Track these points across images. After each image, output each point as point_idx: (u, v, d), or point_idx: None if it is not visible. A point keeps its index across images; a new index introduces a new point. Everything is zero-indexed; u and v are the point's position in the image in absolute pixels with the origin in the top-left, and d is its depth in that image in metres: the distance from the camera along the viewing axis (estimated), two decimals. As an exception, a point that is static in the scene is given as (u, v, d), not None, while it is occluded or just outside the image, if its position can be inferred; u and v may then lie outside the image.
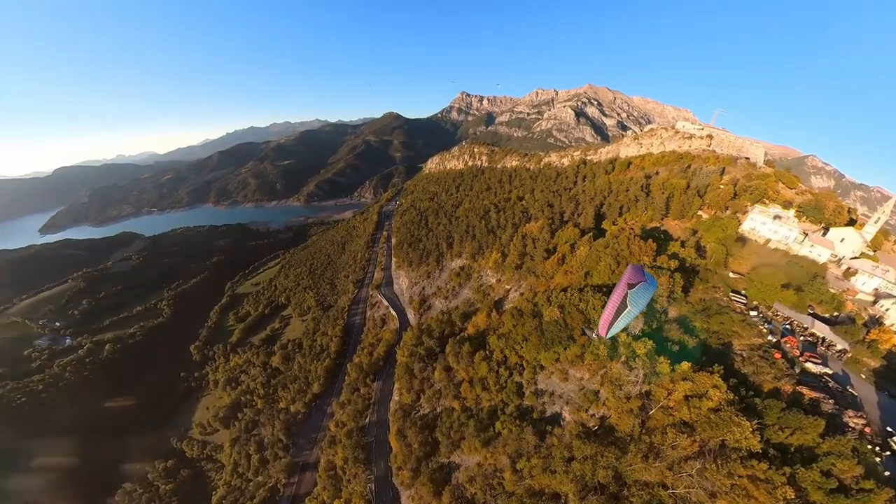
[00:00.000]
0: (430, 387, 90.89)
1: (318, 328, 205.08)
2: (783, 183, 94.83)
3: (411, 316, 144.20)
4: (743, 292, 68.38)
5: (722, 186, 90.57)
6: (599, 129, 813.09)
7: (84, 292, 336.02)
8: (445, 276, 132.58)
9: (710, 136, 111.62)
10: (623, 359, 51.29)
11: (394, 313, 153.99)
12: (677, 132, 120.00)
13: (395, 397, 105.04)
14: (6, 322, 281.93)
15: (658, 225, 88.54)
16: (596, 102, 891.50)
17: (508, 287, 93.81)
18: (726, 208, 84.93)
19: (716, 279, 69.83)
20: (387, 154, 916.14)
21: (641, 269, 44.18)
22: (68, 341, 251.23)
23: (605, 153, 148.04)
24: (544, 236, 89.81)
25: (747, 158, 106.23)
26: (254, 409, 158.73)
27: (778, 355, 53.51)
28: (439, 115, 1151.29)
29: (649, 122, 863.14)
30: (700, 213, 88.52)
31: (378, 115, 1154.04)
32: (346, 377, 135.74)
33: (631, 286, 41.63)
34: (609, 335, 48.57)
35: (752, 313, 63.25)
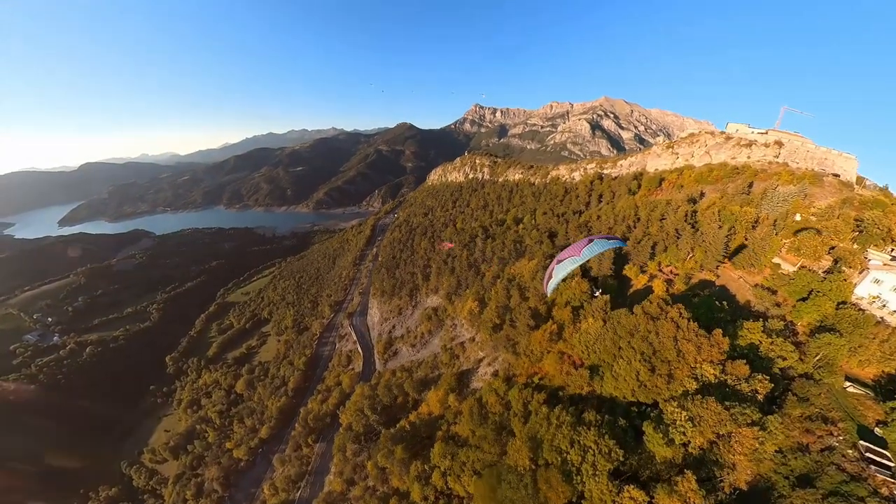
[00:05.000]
0: (364, 479, 67.74)
1: (287, 354, 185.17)
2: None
3: (377, 358, 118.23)
4: (877, 430, 36.46)
5: (812, 218, 59.40)
6: (616, 143, 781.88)
7: (83, 289, 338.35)
8: (417, 316, 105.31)
9: (778, 143, 79.77)
10: None
11: (360, 351, 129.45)
12: (729, 137, 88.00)
13: (329, 475, 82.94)
14: (3, 313, 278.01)
15: (711, 277, 58.02)
16: (612, 115, 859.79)
17: (482, 354, 65.62)
18: (827, 252, 53.78)
19: (822, 397, 38.80)
20: (398, 164, 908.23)
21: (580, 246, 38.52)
22: (56, 339, 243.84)
23: (626, 166, 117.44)
24: (537, 286, 60.71)
25: (836, 175, 74.47)
26: (203, 443, 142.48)
27: None
28: (452, 127, 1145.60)
29: (668, 135, 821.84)
30: (777, 260, 57.67)
31: (392, 125, 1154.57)
32: (296, 424, 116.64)
33: (560, 262, 37.64)
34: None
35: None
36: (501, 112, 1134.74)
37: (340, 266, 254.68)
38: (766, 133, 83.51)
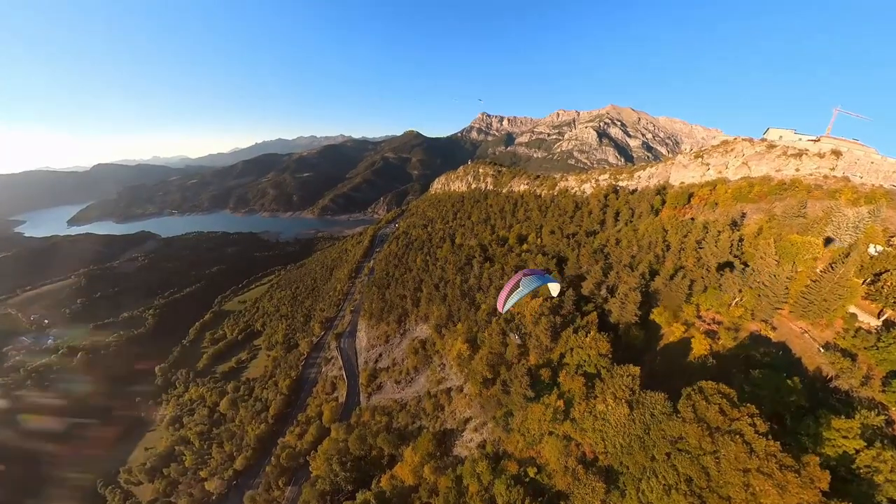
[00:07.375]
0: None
1: (274, 374, 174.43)
2: None
3: (361, 390, 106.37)
4: None
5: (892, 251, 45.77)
6: (623, 151, 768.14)
7: (83, 290, 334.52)
8: (405, 346, 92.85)
9: (836, 153, 66.17)
10: None
11: (346, 378, 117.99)
12: (772, 146, 73.70)
13: (296, 532, 71.66)
14: (1, 313, 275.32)
15: (765, 329, 44.47)
16: (619, 123, 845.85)
17: (469, 413, 53.08)
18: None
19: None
20: (404, 171, 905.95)
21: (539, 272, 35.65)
22: (50, 341, 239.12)
23: (646, 178, 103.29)
24: (540, 333, 47.49)
25: (910, 192, 60.77)
26: (179, 468, 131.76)
27: None
28: (459, 135, 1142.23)
29: (677, 143, 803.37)
30: (853, 309, 44.01)
31: (399, 132, 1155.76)
32: (272, 458, 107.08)
33: (526, 275, 34.78)
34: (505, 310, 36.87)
35: None
36: (508, 120, 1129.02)
37: (336, 278, 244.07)
38: (819, 140, 69.81)
